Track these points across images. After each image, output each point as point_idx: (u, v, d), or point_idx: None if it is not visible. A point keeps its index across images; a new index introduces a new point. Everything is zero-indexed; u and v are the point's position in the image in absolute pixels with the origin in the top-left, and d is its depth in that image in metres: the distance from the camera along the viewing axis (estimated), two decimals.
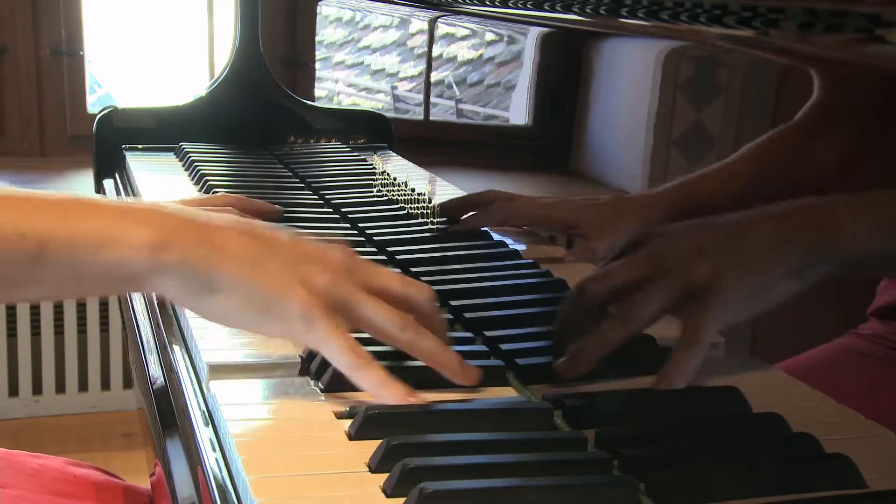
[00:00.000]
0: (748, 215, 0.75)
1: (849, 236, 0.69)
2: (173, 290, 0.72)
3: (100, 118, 1.65)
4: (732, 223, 0.76)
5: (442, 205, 1.19)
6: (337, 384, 0.75)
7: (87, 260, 0.69)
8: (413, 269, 1.04)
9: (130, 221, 0.70)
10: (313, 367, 0.79)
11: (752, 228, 0.74)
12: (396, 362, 0.76)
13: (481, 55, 1.30)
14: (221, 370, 0.78)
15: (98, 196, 0.79)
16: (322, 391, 0.75)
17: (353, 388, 0.74)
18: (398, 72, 1.62)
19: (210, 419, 0.73)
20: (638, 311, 0.76)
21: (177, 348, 0.86)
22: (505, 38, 1.24)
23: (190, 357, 0.84)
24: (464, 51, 1.36)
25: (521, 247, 1.11)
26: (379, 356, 0.74)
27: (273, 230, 0.75)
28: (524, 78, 1.19)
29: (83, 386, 2.78)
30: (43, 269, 0.68)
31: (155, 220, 0.71)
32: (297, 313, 0.71)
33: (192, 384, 0.79)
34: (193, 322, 0.84)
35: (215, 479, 0.66)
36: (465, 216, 1.16)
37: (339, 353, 0.71)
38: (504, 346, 0.83)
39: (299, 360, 0.81)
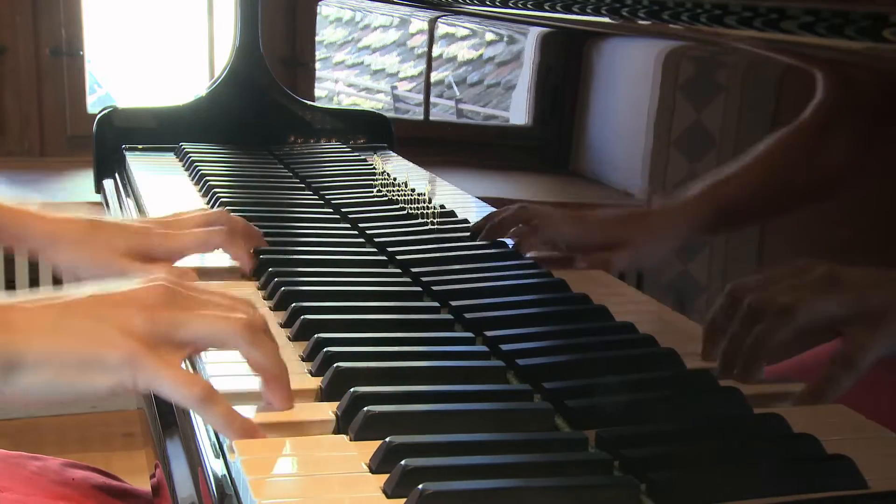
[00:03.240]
0: None
1: None
2: None
3: (100, 118, 1.65)
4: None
5: (474, 227, 1.15)
6: (336, 385, 0.75)
7: None
8: (413, 270, 1.04)
9: None
10: (313, 367, 0.79)
11: None
12: None
13: (481, 55, 1.30)
14: (221, 370, 0.78)
15: None
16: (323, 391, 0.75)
17: None
18: (398, 72, 1.61)
19: None
20: (796, 314, 0.73)
21: None
22: (505, 38, 1.24)
23: (190, 357, 0.84)
24: (464, 51, 1.36)
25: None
26: None
27: (74, 292, 0.70)
28: (524, 78, 1.18)
29: None
30: None
31: None
32: (118, 362, 0.66)
33: None
34: None
35: (215, 479, 0.66)
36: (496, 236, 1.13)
37: (174, 389, 0.67)
38: (504, 347, 0.83)
39: (300, 359, 0.81)
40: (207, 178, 1.38)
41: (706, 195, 0.86)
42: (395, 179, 1.36)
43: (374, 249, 1.12)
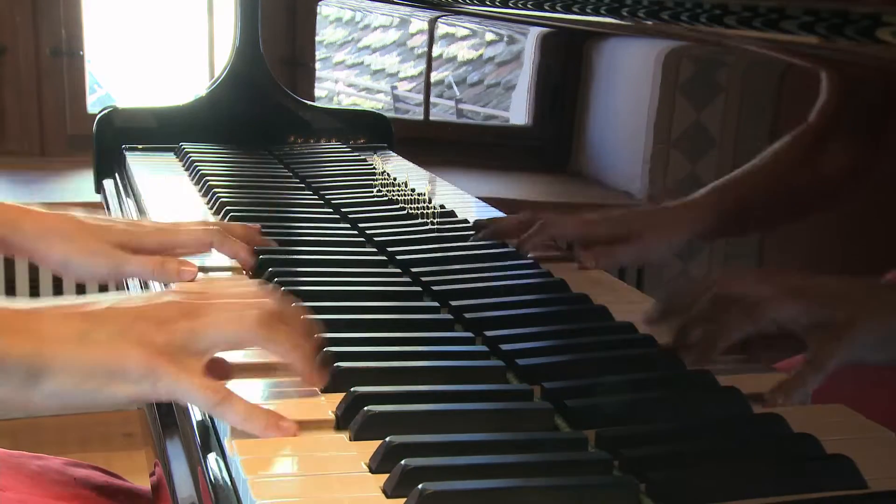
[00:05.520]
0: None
1: None
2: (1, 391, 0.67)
3: (100, 118, 1.65)
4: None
5: (477, 224, 1.15)
6: (336, 385, 0.75)
7: None
8: (413, 270, 1.04)
9: None
10: None
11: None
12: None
13: (481, 55, 1.30)
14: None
15: None
16: (322, 391, 0.75)
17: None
18: (398, 72, 1.61)
19: (210, 419, 0.73)
20: (764, 312, 0.75)
21: None
22: (505, 38, 1.24)
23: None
24: (464, 51, 1.36)
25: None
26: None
27: (97, 302, 0.72)
28: (524, 78, 1.18)
29: None
30: None
31: None
32: (139, 373, 0.68)
33: None
34: None
35: (215, 479, 0.66)
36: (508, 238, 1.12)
37: (195, 394, 0.69)
38: (504, 347, 0.83)
39: None
40: (207, 178, 1.38)
41: (711, 196, 0.86)
42: (395, 179, 1.36)
43: (374, 249, 1.12)
